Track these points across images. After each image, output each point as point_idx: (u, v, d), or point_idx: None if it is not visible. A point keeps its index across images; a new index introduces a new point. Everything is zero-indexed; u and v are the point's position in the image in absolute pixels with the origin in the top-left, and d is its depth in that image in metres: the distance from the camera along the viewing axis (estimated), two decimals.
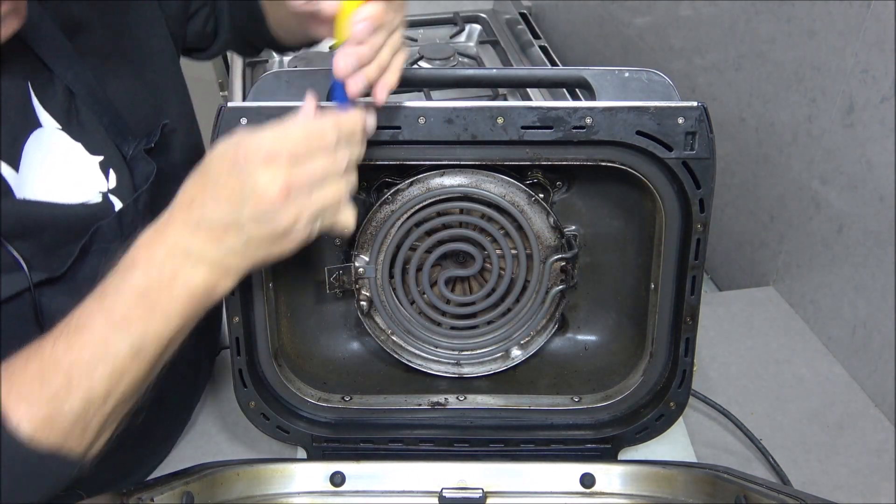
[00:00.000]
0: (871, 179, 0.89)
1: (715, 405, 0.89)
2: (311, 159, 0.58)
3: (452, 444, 0.76)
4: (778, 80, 1.03)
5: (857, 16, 0.88)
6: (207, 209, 0.57)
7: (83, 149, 0.67)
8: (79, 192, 0.66)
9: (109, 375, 0.55)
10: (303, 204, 0.58)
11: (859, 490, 0.82)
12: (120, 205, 0.68)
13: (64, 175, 0.66)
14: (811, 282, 1.02)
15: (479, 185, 0.74)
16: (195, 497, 0.66)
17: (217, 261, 0.58)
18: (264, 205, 0.56)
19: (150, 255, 0.57)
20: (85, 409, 0.55)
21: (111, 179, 0.68)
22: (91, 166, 0.68)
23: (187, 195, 0.58)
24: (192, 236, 0.57)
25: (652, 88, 0.68)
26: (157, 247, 0.58)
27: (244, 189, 0.56)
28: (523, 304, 0.80)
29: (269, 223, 0.57)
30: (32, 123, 0.64)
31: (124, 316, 0.56)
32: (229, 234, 0.57)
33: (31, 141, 0.63)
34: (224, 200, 0.57)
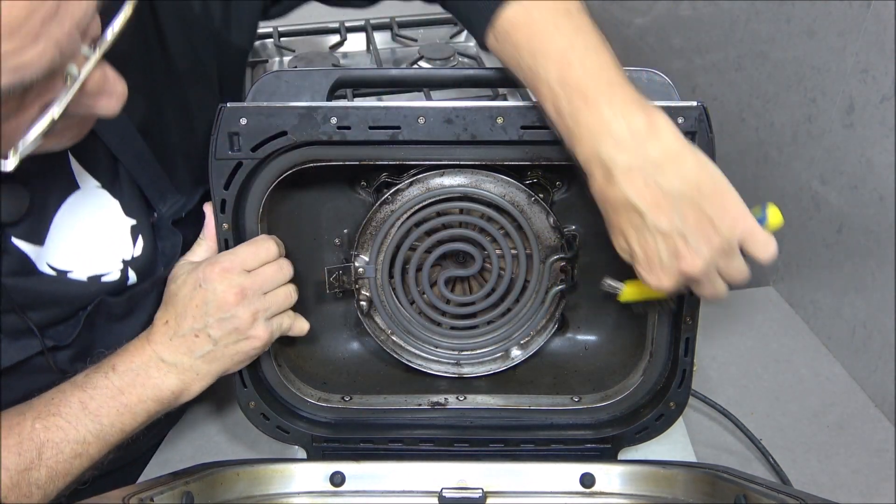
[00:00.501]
0: (871, 179, 0.89)
1: (715, 405, 0.89)
2: (260, 269, 0.69)
3: (452, 444, 0.76)
4: (778, 80, 1.03)
5: (857, 16, 0.88)
6: (179, 322, 0.68)
7: (120, 208, 0.71)
8: (100, 263, 0.70)
9: (73, 455, 0.65)
10: (257, 304, 0.68)
11: (859, 490, 0.82)
12: (134, 277, 0.72)
13: (92, 241, 0.70)
14: (811, 282, 1.02)
15: (479, 184, 0.74)
16: (195, 497, 0.66)
17: (189, 367, 0.68)
18: (225, 308, 0.67)
19: (130, 362, 0.67)
20: (48, 479, 0.64)
21: (137, 247, 0.72)
22: (123, 229, 0.72)
23: (162, 318, 0.69)
24: (167, 348, 0.68)
25: (652, 88, 0.68)
26: (137, 356, 0.68)
27: (206, 299, 0.67)
28: (523, 304, 0.80)
29: (230, 323, 0.67)
30: (70, 187, 0.68)
31: (97, 408, 0.66)
32: (199, 340, 0.68)
33: (65, 207, 0.68)
34: (191, 312, 0.67)
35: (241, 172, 0.66)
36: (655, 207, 0.58)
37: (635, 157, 0.57)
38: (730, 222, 0.59)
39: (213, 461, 0.73)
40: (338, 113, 0.64)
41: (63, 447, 0.64)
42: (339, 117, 0.64)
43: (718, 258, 0.60)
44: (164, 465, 0.85)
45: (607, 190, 0.60)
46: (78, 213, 0.68)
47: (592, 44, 0.59)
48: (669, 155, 0.57)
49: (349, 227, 0.79)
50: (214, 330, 0.67)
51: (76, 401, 0.65)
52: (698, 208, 0.58)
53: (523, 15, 0.59)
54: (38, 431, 0.64)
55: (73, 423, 0.65)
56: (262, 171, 0.67)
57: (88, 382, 0.66)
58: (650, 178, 0.57)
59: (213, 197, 0.67)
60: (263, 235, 0.71)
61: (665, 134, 0.58)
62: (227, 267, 0.67)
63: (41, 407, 0.65)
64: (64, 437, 0.64)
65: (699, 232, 0.59)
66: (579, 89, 0.58)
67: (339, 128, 0.65)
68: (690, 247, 0.59)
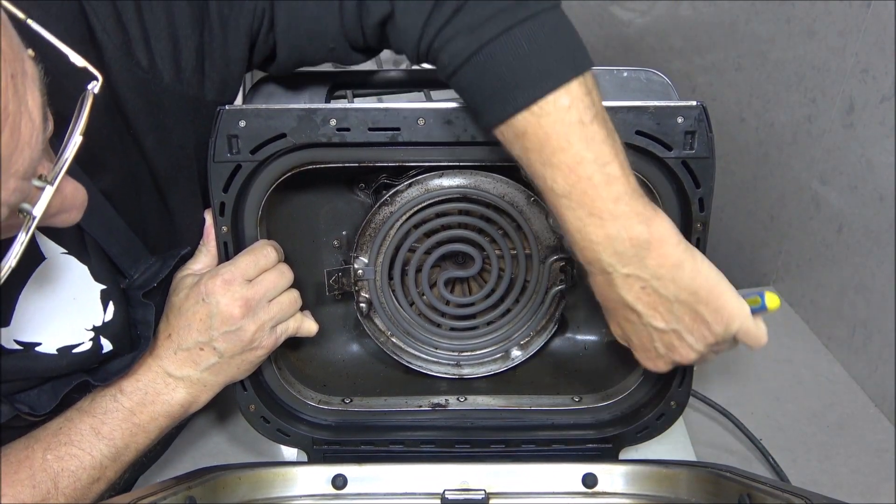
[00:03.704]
0: (871, 179, 0.89)
1: (715, 405, 0.89)
2: (261, 276, 0.69)
3: (454, 446, 0.76)
4: (778, 80, 1.03)
5: (857, 16, 0.88)
6: (183, 336, 0.68)
7: (88, 273, 0.65)
8: (70, 334, 0.65)
9: (91, 480, 0.65)
10: (262, 314, 0.69)
11: (859, 490, 0.82)
12: (108, 345, 0.67)
13: (60, 311, 0.64)
14: (811, 282, 1.02)
15: (478, 185, 0.74)
16: (197, 501, 0.66)
17: (196, 379, 0.69)
18: (230, 321, 0.67)
19: (136, 381, 0.68)
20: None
21: (108, 312, 0.67)
22: (93, 295, 0.66)
23: (165, 331, 0.69)
24: (172, 362, 0.68)
25: (651, 88, 0.68)
26: (143, 374, 0.68)
27: (210, 312, 0.67)
28: (523, 305, 0.79)
29: (236, 336, 0.68)
30: (35, 261, 0.63)
31: (110, 432, 0.66)
32: (204, 353, 0.68)
33: (31, 281, 0.63)
34: (195, 326, 0.67)
35: (239, 175, 0.66)
36: (652, 310, 0.62)
37: (635, 268, 0.60)
38: (725, 323, 0.62)
39: (214, 465, 0.73)
40: (337, 115, 0.64)
41: (80, 475, 0.64)
42: (338, 119, 0.64)
43: (712, 349, 0.64)
44: (164, 466, 0.85)
45: (606, 290, 0.63)
46: (44, 284, 0.64)
47: (602, 157, 0.58)
48: (668, 265, 0.60)
49: (348, 228, 0.79)
50: (220, 343, 0.68)
51: (87, 427, 0.65)
52: (694, 311, 0.61)
53: (535, 125, 0.58)
54: (50, 462, 0.63)
55: (86, 450, 0.65)
56: (260, 173, 0.67)
57: (97, 407, 0.66)
58: (648, 285, 0.61)
59: (211, 200, 0.67)
60: (261, 241, 0.70)
61: (665, 245, 0.60)
62: (229, 279, 0.67)
63: (49, 438, 0.64)
64: (80, 465, 0.64)
65: (695, 331, 0.62)
66: (584, 205, 0.59)
67: (338, 130, 0.65)
68: (685, 342, 0.63)
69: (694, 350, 0.63)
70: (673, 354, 0.65)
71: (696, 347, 0.63)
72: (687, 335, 0.63)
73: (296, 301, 0.72)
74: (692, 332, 0.62)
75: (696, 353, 0.64)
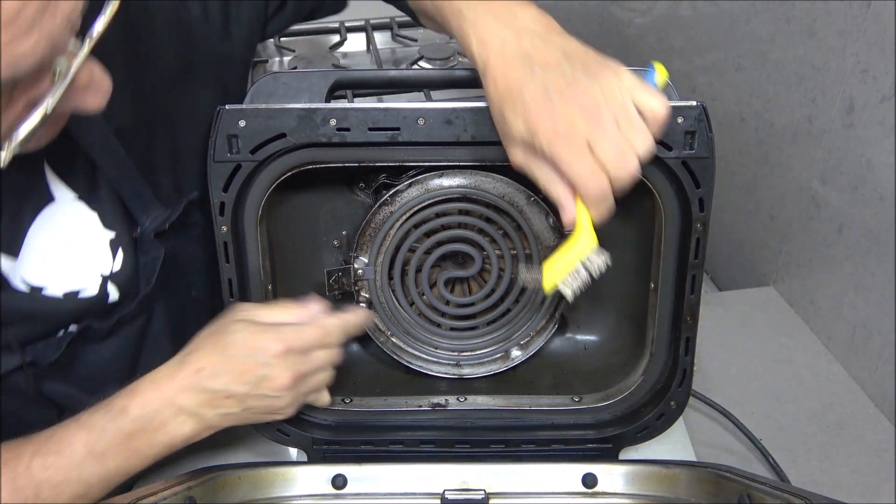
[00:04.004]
0: (871, 179, 0.89)
1: (715, 405, 0.89)
2: (317, 352, 0.68)
3: (453, 446, 0.76)
4: (778, 80, 1.03)
5: (857, 16, 0.88)
6: (215, 378, 0.64)
7: (98, 220, 0.67)
8: (77, 279, 0.66)
9: (73, 496, 0.62)
10: (301, 388, 0.68)
11: (859, 490, 0.82)
12: (115, 293, 0.68)
13: (68, 255, 0.65)
14: (811, 282, 1.02)
15: (479, 185, 0.74)
16: (197, 501, 0.66)
17: (207, 419, 0.66)
18: (274, 388, 0.66)
19: (143, 405, 0.63)
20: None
21: (117, 260, 0.68)
22: (101, 242, 0.67)
23: (198, 362, 0.65)
24: (190, 397, 0.64)
25: None
26: (152, 398, 0.64)
27: (259, 375, 0.65)
28: (523, 305, 0.80)
29: (271, 401, 0.67)
30: (44, 199, 0.64)
31: (104, 451, 0.62)
32: (229, 402, 0.65)
33: (39, 220, 0.64)
34: (237, 377, 0.64)
35: (239, 175, 0.66)
36: (545, 62, 0.58)
37: (514, 30, 0.60)
38: (617, 73, 0.58)
39: (214, 465, 0.73)
40: (337, 114, 0.64)
41: (63, 489, 0.61)
42: (338, 119, 0.64)
43: (620, 121, 0.57)
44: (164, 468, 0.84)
45: (504, 72, 0.60)
46: (53, 226, 0.64)
47: None
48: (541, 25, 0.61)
49: (348, 228, 0.79)
50: (252, 401, 0.66)
51: (81, 442, 0.62)
52: (585, 63, 0.58)
53: None
54: (35, 470, 0.61)
55: (75, 465, 0.62)
56: (260, 173, 0.67)
57: (95, 424, 0.63)
58: (534, 40, 0.60)
59: (211, 199, 0.67)
60: (330, 318, 0.70)
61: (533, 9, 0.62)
62: (292, 348, 0.66)
63: (41, 443, 0.62)
64: (64, 479, 0.61)
65: (595, 91, 0.57)
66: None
67: (338, 129, 0.65)
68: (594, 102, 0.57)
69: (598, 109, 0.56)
70: (592, 127, 0.56)
71: (607, 120, 0.56)
72: (593, 87, 0.57)
73: (330, 378, 0.72)
74: (596, 89, 0.56)
75: (610, 127, 0.56)
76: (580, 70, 0.57)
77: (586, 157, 0.57)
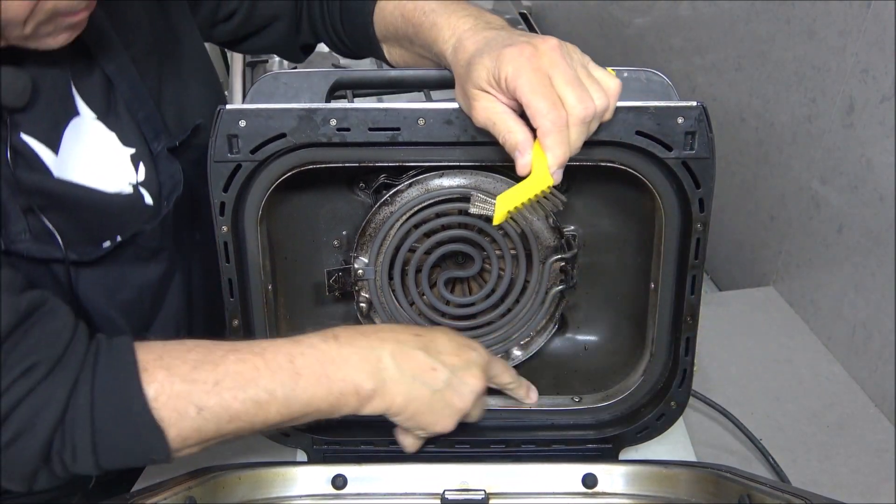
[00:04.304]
0: (871, 179, 0.89)
1: (715, 405, 0.89)
2: (485, 399, 0.72)
3: (453, 446, 0.76)
4: (778, 80, 1.03)
5: (857, 16, 0.88)
6: (436, 347, 0.67)
7: (117, 139, 0.71)
8: (113, 182, 0.70)
9: (249, 403, 0.60)
10: (473, 409, 0.69)
11: (859, 490, 0.82)
12: (149, 197, 0.72)
13: (99, 163, 0.69)
14: (811, 282, 1.02)
15: (478, 185, 0.74)
16: (197, 501, 0.66)
17: (394, 382, 0.64)
18: (469, 386, 0.68)
19: (353, 338, 0.65)
20: (210, 414, 0.59)
21: (140, 172, 0.72)
22: (123, 157, 0.71)
23: (423, 331, 0.69)
24: (403, 352, 0.65)
25: (651, 88, 0.68)
26: (365, 335, 0.66)
27: (472, 360, 0.69)
28: (523, 305, 0.79)
29: (463, 398, 0.67)
30: (71, 111, 0.68)
31: (301, 368, 0.62)
32: (432, 374, 0.66)
33: (69, 128, 0.68)
34: (455, 351, 0.68)
35: (240, 175, 0.66)
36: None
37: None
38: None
39: (214, 465, 0.73)
40: (337, 115, 0.64)
41: (246, 388, 0.60)
42: (338, 119, 0.64)
43: (579, 71, 0.59)
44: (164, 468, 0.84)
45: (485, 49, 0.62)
46: (81, 135, 0.68)
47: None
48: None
49: (348, 228, 0.79)
50: (450, 386, 0.67)
51: (285, 352, 0.62)
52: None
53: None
54: (228, 362, 0.60)
55: (270, 370, 0.60)
56: (260, 173, 0.67)
57: (304, 340, 0.64)
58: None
59: (211, 199, 0.67)
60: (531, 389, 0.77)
61: None
62: (486, 365, 0.70)
63: (240, 345, 0.62)
64: (253, 379, 0.60)
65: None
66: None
67: (338, 129, 0.65)
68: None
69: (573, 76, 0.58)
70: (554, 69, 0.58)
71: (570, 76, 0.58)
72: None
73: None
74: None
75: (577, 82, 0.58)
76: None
77: (548, 88, 0.57)
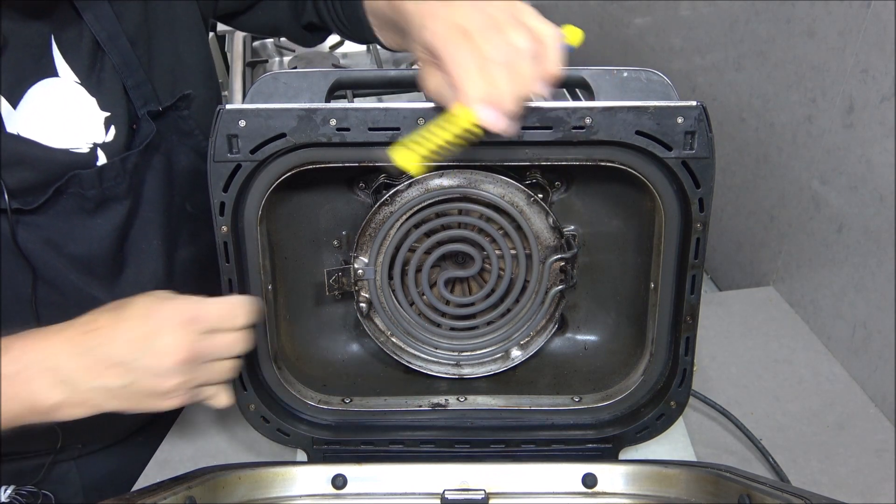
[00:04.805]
0: (871, 179, 0.89)
1: (715, 405, 0.89)
2: (220, 334, 0.62)
3: (453, 446, 0.76)
4: (778, 80, 1.03)
5: (857, 16, 0.88)
6: (107, 343, 0.59)
7: (96, 104, 0.72)
8: (68, 139, 0.71)
9: None
10: (191, 373, 0.61)
11: (859, 490, 0.82)
12: (104, 158, 0.73)
13: (63, 123, 0.70)
14: (811, 282, 1.02)
15: (478, 185, 0.74)
16: (197, 501, 0.66)
17: (82, 392, 0.59)
18: (161, 363, 0.59)
19: (20, 353, 0.58)
20: None
21: (109, 134, 0.73)
22: (96, 120, 0.72)
23: (92, 322, 0.60)
24: (72, 358, 0.59)
25: (650, 88, 0.68)
26: (31, 348, 0.59)
27: (148, 340, 0.59)
28: (523, 305, 0.79)
29: (156, 380, 0.60)
30: (47, 71, 0.69)
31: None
32: (111, 373, 0.59)
33: (39, 86, 0.69)
34: (125, 341, 0.59)
35: (239, 175, 0.66)
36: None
37: None
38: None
39: (214, 465, 0.73)
40: (337, 115, 0.64)
41: None
42: (338, 119, 0.64)
43: (511, 33, 0.56)
44: (163, 465, 0.85)
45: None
46: (51, 95, 0.69)
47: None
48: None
49: (348, 228, 0.79)
50: (137, 376, 0.59)
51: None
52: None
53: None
54: None
55: None
56: (260, 173, 0.67)
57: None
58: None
59: (211, 200, 0.67)
60: (244, 299, 0.65)
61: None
62: (191, 318, 0.61)
63: None
64: None
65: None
66: None
67: (338, 129, 0.65)
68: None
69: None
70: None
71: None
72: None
73: (231, 372, 0.66)
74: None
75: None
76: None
77: (458, 37, 0.55)
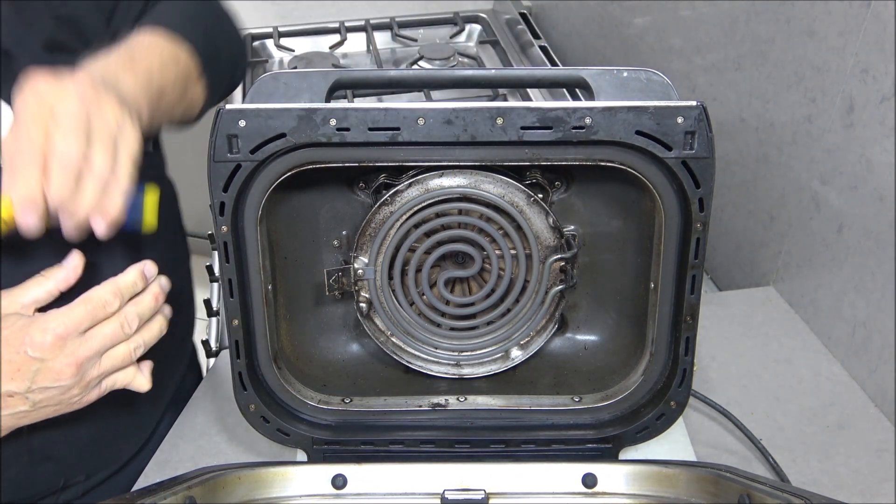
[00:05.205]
0: (871, 179, 0.89)
1: (715, 405, 0.89)
2: (98, 329, 0.62)
3: (453, 446, 0.76)
4: (778, 80, 1.03)
5: (857, 16, 0.88)
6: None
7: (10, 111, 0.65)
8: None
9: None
10: (93, 370, 0.63)
11: (859, 490, 0.82)
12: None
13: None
14: (811, 282, 1.02)
15: (478, 185, 0.74)
16: (197, 501, 0.66)
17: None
18: (57, 380, 0.61)
19: None
20: None
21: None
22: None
23: None
24: None
25: (650, 88, 0.68)
26: None
27: (34, 368, 0.60)
28: (523, 305, 0.79)
29: (59, 393, 0.62)
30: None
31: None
32: (14, 401, 0.61)
33: None
34: (13, 376, 0.60)
35: (239, 175, 0.66)
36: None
37: None
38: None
39: (214, 465, 0.73)
40: (337, 114, 0.64)
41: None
42: (338, 119, 0.64)
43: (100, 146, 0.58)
44: (163, 465, 0.85)
45: None
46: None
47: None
48: None
49: (348, 228, 0.79)
50: (37, 395, 0.61)
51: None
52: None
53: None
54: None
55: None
56: (260, 173, 0.67)
57: None
58: None
59: (211, 199, 0.67)
60: (100, 289, 0.63)
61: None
62: (63, 334, 0.60)
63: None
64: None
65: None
66: None
67: (338, 129, 0.65)
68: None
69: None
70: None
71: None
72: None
73: (131, 354, 0.65)
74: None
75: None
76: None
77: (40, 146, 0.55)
